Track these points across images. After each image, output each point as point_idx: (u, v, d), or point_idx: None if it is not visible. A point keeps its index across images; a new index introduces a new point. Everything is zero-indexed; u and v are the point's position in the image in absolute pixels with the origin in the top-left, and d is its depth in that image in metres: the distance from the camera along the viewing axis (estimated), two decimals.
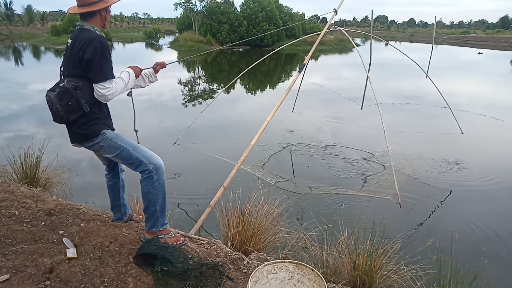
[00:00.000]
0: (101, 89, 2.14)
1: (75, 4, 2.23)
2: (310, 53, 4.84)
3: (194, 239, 2.78)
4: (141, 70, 2.46)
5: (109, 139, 2.26)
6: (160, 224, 2.41)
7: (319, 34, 5.34)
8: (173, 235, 2.49)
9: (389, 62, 23.25)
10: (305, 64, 4.65)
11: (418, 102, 10.33)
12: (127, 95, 2.55)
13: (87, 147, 2.31)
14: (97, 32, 2.19)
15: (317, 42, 5.02)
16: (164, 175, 2.35)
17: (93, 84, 2.16)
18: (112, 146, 2.27)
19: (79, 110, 2.15)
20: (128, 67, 2.36)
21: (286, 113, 7.48)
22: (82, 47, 2.10)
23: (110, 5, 2.26)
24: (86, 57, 2.09)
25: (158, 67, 2.61)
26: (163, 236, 2.41)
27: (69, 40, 2.21)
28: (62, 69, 2.25)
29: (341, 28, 5.61)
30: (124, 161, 2.32)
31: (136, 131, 2.75)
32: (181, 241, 2.44)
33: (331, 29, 5.38)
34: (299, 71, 4.62)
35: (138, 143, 2.61)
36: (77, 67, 2.14)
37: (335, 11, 5.06)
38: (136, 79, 2.40)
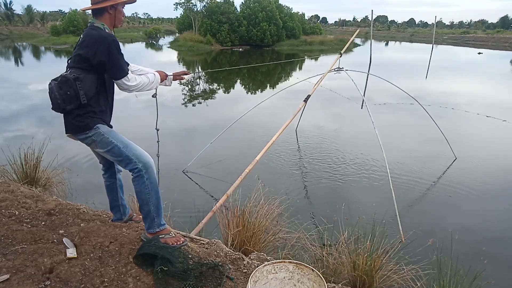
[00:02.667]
0: (126, 82, 2.27)
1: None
2: (316, 86, 5.14)
3: (194, 239, 2.78)
4: (166, 75, 2.63)
5: (102, 134, 2.28)
6: (157, 225, 2.40)
7: (322, 74, 5.48)
8: (174, 235, 2.49)
9: (389, 62, 23.25)
10: (310, 95, 4.92)
11: (415, 102, 10.32)
12: (152, 96, 2.75)
13: (80, 139, 2.34)
14: (106, 31, 2.25)
15: (322, 79, 5.30)
16: (155, 174, 2.37)
17: (116, 81, 2.27)
18: (103, 142, 2.29)
19: (76, 101, 2.19)
20: (156, 71, 2.53)
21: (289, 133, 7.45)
22: (93, 45, 2.16)
23: (117, 3, 2.29)
24: (102, 58, 2.16)
25: (177, 77, 2.77)
26: (163, 236, 2.41)
27: (82, 35, 2.27)
28: (68, 62, 2.31)
29: (345, 70, 5.63)
30: (114, 157, 2.34)
31: (158, 130, 2.97)
32: (181, 242, 2.44)
33: (335, 70, 5.57)
34: (305, 101, 4.87)
35: (158, 141, 2.98)
36: (83, 61, 2.19)
37: (340, 54, 5.45)
38: (161, 82, 2.56)
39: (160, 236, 2.40)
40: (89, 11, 2.30)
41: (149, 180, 2.31)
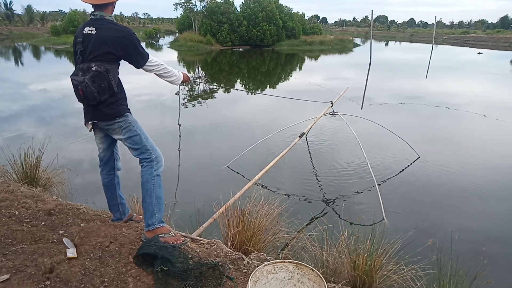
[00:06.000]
0: (151, 65, 2.48)
1: None
2: (310, 127, 5.54)
3: (194, 239, 2.78)
4: (189, 78, 2.86)
5: (129, 122, 2.45)
6: (157, 221, 2.44)
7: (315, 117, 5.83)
8: (173, 234, 2.50)
9: (389, 62, 23.25)
10: (305, 133, 5.31)
11: (414, 102, 10.39)
12: (175, 94, 3.04)
13: (106, 125, 2.44)
14: (114, 21, 2.39)
15: (315, 121, 5.66)
16: (162, 170, 2.49)
17: (143, 67, 2.46)
18: (129, 129, 2.44)
19: (109, 91, 2.33)
20: (181, 72, 2.75)
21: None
22: (117, 40, 2.29)
23: None
24: (128, 52, 2.34)
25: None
26: (163, 235, 2.43)
27: (91, 28, 2.31)
28: (82, 54, 2.34)
29: (339, 114, 5.87)
30: (133, 145, 2.45)
31: (180, 125, 3.22)
32: (181, 241, 2.45)
33: (330, 113, 5.93)
34: (300, 137, 5.17)
35: (180, 135, 3.29)
36: (108, 54, 2.29)
37: (332, 103, 5.88)
38: (181, 83, 2.77)
39: (160, 235, 2.41)
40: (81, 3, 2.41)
41: (156, 172, 2.45)
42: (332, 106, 5.86)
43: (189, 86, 13.07)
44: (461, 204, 4.71)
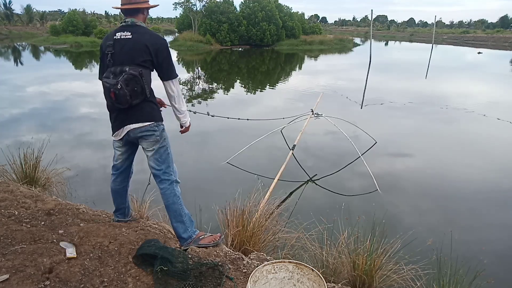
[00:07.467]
0: (173, 85, 2.38)
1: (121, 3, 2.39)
2: (298, 137, 5.90)
3: None
4: (188, 129, 2.71)
5: (164, 137, 2.44)
6: (192, 232, 2.57)
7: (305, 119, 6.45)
8: (210, 234, 2.64)
9: (389, 62, 23.25)
10: (295, 144, 5.61)
11: (414, 101, 10.39)
12: None
13: (140, 131, 2.37)
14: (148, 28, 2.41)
15: (302, 132, 6.04)
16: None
17: (167, 81, 2.38)
18: (161, 141, 2.41)
19: (142, 95, 2.30)
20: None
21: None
22: (155, 45, 2.29)
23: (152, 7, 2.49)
24: (163, 58, 2.32)
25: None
26: (202, 236, 2.58)
27: (125, 33, 2.30)
28: (113, 57, 2.31)
29: (324, 116, 6.43)
30: (158, 157, 2.43)
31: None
32: (218, 237, 2.63)
33: (315, 116, 6.53)
34: (292, 149, 5.44)
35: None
36: (146, 58, 2.28)
37: (312, 111, 6.49)
38: (183, 128, 2.66)
39: (200, 237, 2.56)
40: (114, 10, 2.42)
41: (178, 191, 2.51)
42: (313, 113, 6.23)
43: (189, 86, 13.06)
44: (461, 204, 4.71)
